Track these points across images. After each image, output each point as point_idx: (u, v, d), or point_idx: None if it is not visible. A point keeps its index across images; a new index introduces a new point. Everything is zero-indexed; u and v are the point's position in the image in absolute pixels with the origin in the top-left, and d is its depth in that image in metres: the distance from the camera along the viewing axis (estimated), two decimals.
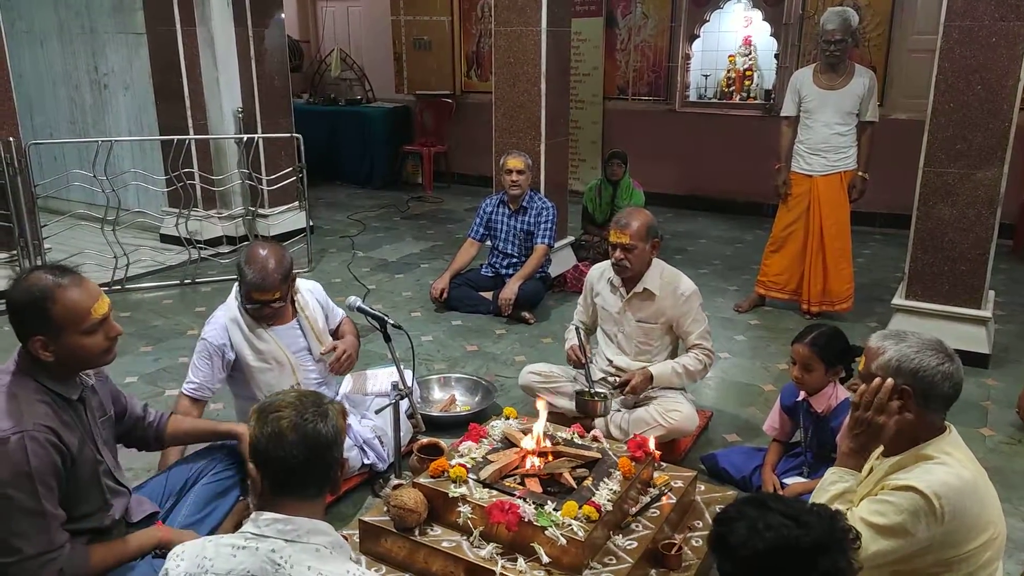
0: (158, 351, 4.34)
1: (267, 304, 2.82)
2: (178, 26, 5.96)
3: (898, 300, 4.32)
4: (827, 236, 4.71)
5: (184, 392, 2.87)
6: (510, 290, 4.77)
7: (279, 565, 1.42)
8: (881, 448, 1.91)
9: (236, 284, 2.91)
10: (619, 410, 3.25)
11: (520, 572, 2.22)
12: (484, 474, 2.46)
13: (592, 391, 3.18)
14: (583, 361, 3.26)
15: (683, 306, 3.22)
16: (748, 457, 3.08)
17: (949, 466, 1.74)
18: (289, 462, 1.48)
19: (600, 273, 3.44)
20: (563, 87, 5.38)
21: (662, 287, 3.24)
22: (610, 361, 3.41)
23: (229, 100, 6.31)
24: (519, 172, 4.82)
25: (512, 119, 5.23)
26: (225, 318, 2.90)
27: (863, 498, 1.82)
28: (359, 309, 2.95)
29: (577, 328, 3.40)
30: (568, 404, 3.28)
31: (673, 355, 3.36)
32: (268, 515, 1.48)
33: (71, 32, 6.86)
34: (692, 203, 7.83)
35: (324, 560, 1.45)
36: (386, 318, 2.91)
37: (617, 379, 3.29)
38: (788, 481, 2.89)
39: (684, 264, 5.99)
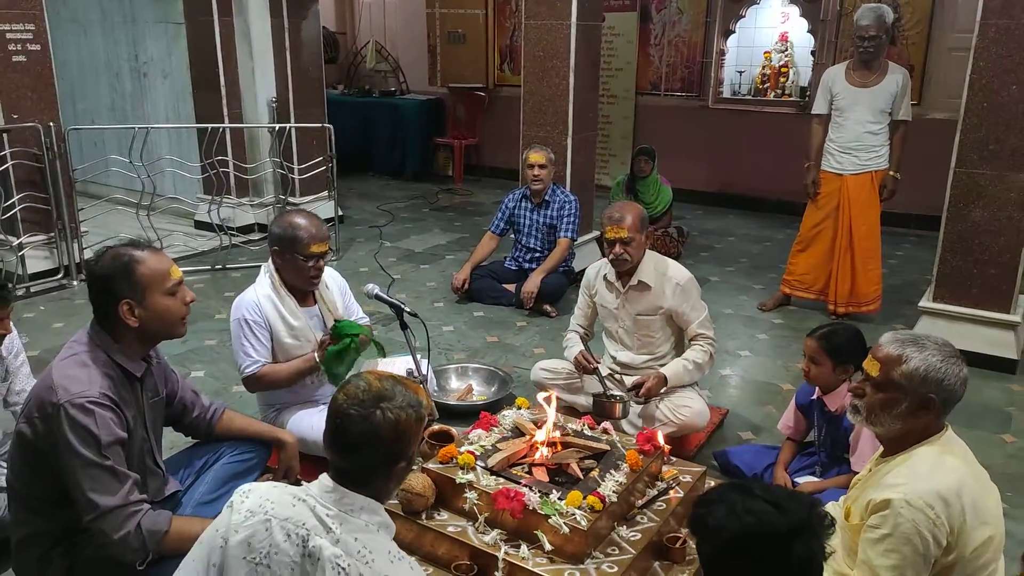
0: (187, 334, 4.43)
1: (323, 256, 2.93)
2: (215, 16, 6.08)
3: (925, 303, 4.26)
4: (856, 236, 4.65)
5: (252, 374, 2.89)
6: (533, 283, 4.80)
7: (330, 529, 1.52)
8: (881, 449, 1.91)
9: (268, 265, 2.98)
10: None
11: (523, 559, 2.24)
12: (492, 462, 2.49)
13: (609, 393, 3.18)
14: (593, 365, 3.26)
15: (680, 295, 3.22)
16: (761, 455, 3.07)
17: (936, 468, 1.73)
18: (342, 443, 1.58)
19: (596, 271, 3.45)
20: (592, 82, 5.38)
21: (656, 277, 3.25)
22: (614, 357, 3.43)
23: (264, 90, 6.42)
24: (540, 167, 4.83)
25: (540, 113, 5.25)
26: (257, 296, 2.94)
27: (856, 500, 1.82)
28: (376, 296, 3.00)
29: (579, 336, 3.42)
30: (577, 399, 3.31)
31: (677, 345, 3.36)
32: (329, 483, 1.57)
33: (113, 21, 7.02)
34: (723, 200, 7.77)
35: (370, 535, 1.54)
36: (402, 306, 2.96)
37: (624, 376, 3.30)
38: (800, 480, 2.87)
39: (710, 262, 5.98)
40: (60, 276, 5.15)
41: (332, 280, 3.17)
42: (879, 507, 1.72)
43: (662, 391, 3.20)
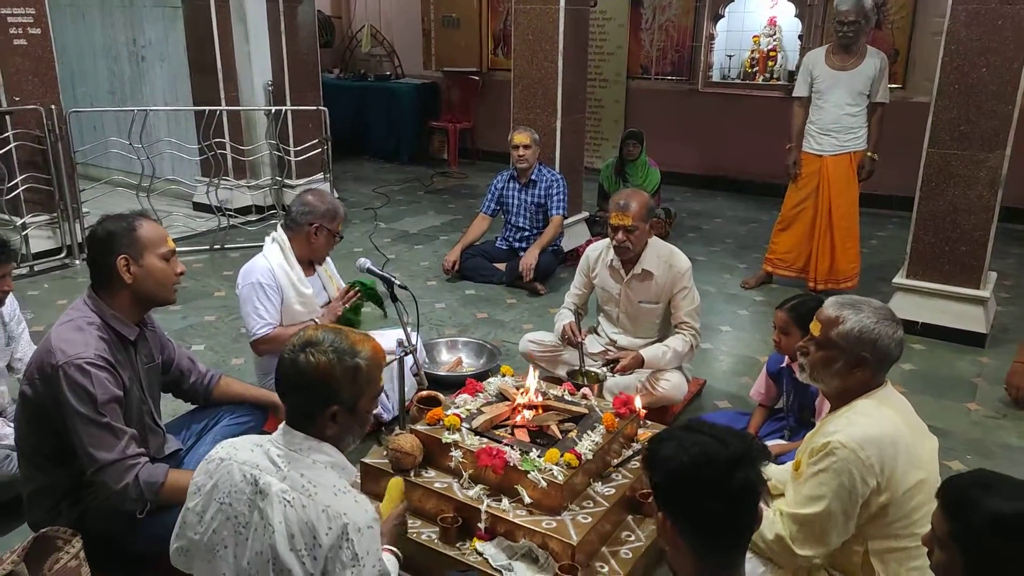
0: (186, 310, 4.60)
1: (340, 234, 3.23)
2: (212, 0, 6.17)
3: (899, 279, 4.41)
4: (835, 215, 4.79)
5: (263, 336, 3.07)
6: (532, 256, 4.94)
7: (279, 467, 1.66)
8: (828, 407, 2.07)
9: (277, 235, 3.19)
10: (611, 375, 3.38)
11: (504, 511, 2.40)
12: (476, 423, 2.65)
13: (584, 370, 3.25)
14: (578, 340, 3.34)
15: (679, 281, 3.32)
16: (733, 420, 3.22)
17: (871, 417, 1.90)
18: (281, 386, 1.72)
19: (598, 254, 3.51)
20: (581, 65, 5.50)
21: (659, 266, 3.33)
22: (613, 341, 3.53)
23: (260, 73, 6.53)
24: (525, 147, 4.98)
25: (530, 95, 5.37)
26: (270, 263, 3.13)
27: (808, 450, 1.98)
28: (368, 270, 3.15)
29: (573, 312, 3.50)
30: (561, 370, 3.43)
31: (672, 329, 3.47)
32: (283, 427, 1.72)
33: (111, 5, 7.12)
34: (711, 183, 7.91)
35: (316, 471, 1.67)
36: (393, 279, 3.10)
37: (612, 351, 3.42)
38: (769, 443, 3.02)
39: (697, 242, 6.13)
40: (63, 255, 5.29)
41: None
42: (818, 450, 1.90)
43: (636, 370, 3.30)
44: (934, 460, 1.96)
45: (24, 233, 5.13)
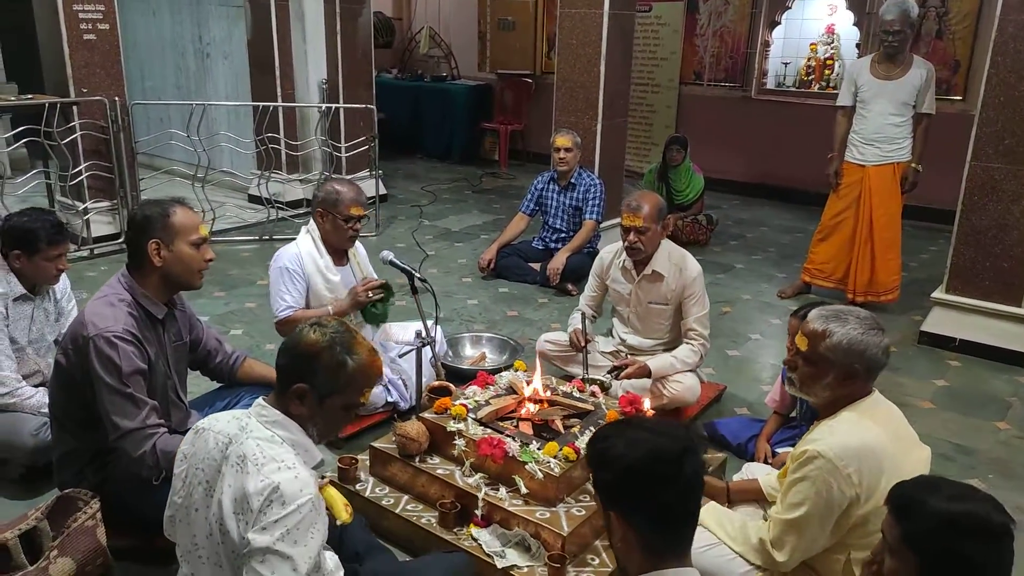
0: (229, 296, 4.79)
1: (360, 219, 3.31)
2: (272, 1, 6.40)
3: (938, 294, 4.31)
4: (876, 226, 4.71)
5: (285, 317, 3.21)
6: (559, 260, 5.00)
7: (248, 435, 1.73)
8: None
9: (310, 225, 3.34)
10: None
11: (500, 499, 2.47)
12: (481, 414, 2.72)
13: (587, 377, 3.24)
14: (582, 346, 3.38)
15: (690, 287, 3.33)
16: (747, 426, 3.22)
17: (852, 427, 1.90)
18: (279, 355, 1.82)
19: (611, 256, 3.54)
20: (624, 70, 5.53)
21: (670, 268, 3.35)
22: (623, 340, 3.57)
23: (315, 71, 6.74)
24: (567, 150, 5.02)
25: (572, 98, 5.43)
26: (299, 250, 3.30)
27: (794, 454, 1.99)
28: (391, 263, 3.26)
29: (582, 314, 3.53)
30: (575, 370, 3.47)
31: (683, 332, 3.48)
32: (263, 400, 1.81)
33: (180, 3, 7.44)
34: (760, 191, 7.82)
35: (272, 445, 1.71)
36: (414, 272, 3.20)
37: (630, 356, 3.44)
38: (779, 451, 3.02)
39: (739, 250, 6.08)
40: (120, 240, 5.55)
41: (359, 244, 3.52)
42: (797, 458, 1.91)
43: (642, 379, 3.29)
44: (923, 471, 1.95)
45: (86, 218, 5.41)
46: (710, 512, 2.16)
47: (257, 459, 1.67)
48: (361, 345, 1.81)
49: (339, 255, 3.40)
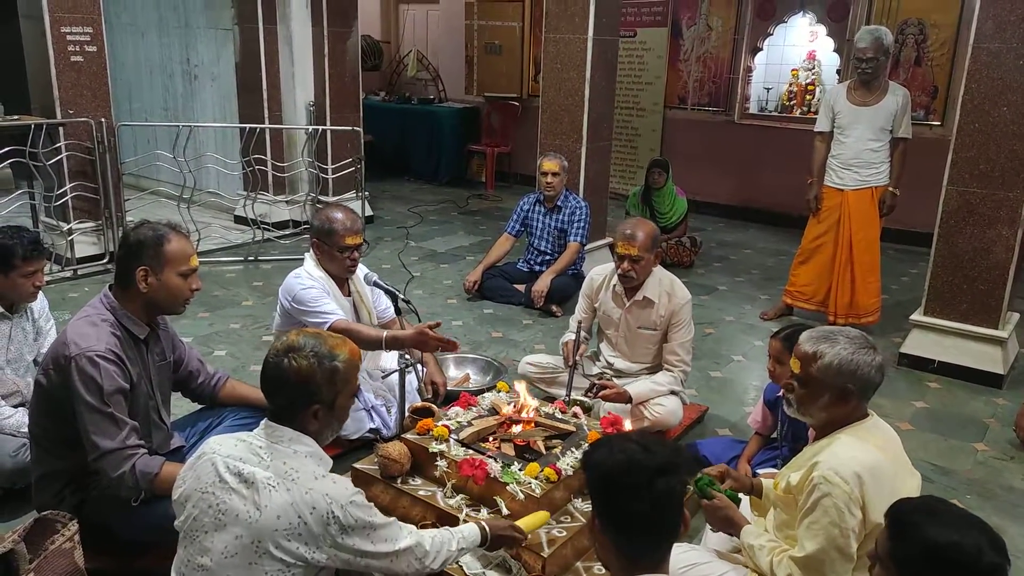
0: (213, 317, 4.79)
1: (357, 248, 3.24)
2: (261, 23, 6.47)
3: (917, 316, 4.37)
4: (856, 250, 4.77)
5: (334, 323, 3.07)
6: (543, 283, 5.03)
7: (262, 458, 1.80)
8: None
9: (312, 253, 3.27)
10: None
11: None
12: (463, 435, 2.73)
13: (569, 399, 3.19)
14: (572, 361, 3.36)
15: (678, 313, 3.35)
16: (728, 447, 3.24)
17: (854, 450, 1.92)
18: (265, 386, 1.87)
19: (602, 279, 3.55)
20: (608, 94, 5.60)
21: (660, 294, 3.38)
22: (610, 364, 3.59)
23: (303, 93, 6.79)
24: (554, 174, 5.08)
25: (557, 122, 5.49)
26: (311, 272, 3.23)
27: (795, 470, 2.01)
28: (374, 284, 3.27)
29: (578, 324, 3.52)
30: (558, 392, 3.47)
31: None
32: (268, 423, 1.86)
33: (168, 26, 7.49)
34: (744, 214, 7.90)
35: (297, 460, 1.80)
36: (397, 293, 3.22)
37: (615, 378, 3.43)
38: (761, 471, 3.04)
39: (722, 272, 6.14)
40: (105, 261, 5.55)
41: (360, 268, 3.44)
42: (802, 488, 1.93)
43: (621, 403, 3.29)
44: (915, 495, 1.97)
45: (70, 238, 5.40)
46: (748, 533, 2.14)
47: (291, 475, 1.76)
48: (336, 343, 1.89)
49: (340, 283, 3.33)
